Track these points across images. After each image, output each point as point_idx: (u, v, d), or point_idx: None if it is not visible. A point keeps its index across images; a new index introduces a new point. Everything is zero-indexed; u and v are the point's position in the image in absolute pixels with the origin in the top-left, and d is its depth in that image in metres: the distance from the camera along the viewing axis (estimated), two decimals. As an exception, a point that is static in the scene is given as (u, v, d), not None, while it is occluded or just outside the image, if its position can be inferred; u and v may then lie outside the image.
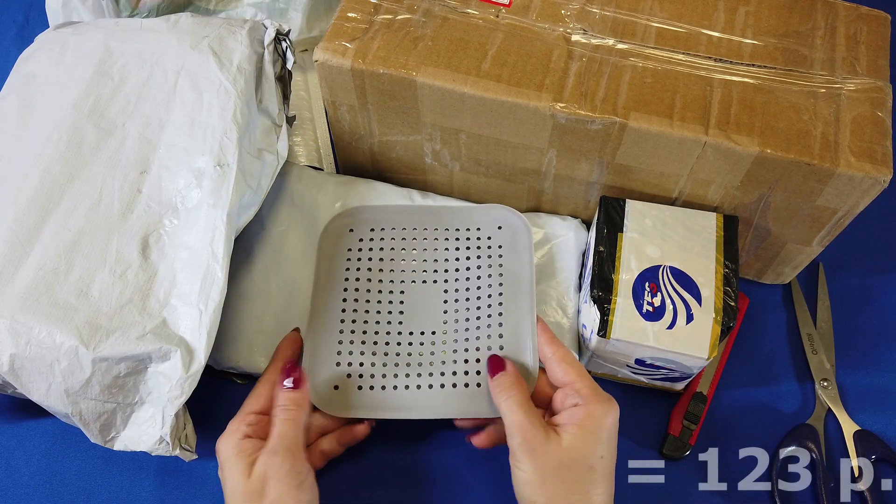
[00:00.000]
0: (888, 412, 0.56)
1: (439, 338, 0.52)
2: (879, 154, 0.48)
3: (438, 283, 0.54)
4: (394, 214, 0.56)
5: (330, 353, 0.51)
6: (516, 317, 0.51)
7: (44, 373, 0.44)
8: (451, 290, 0.54)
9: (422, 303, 0.54)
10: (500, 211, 0.56)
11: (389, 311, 0.53)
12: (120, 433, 0.46)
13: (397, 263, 0.55)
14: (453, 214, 0.56)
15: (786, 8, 0.54)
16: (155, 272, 0.46)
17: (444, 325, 0.52)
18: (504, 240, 0.55)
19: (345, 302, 0.53)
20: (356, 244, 0.55)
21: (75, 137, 0.50)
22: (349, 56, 0.51)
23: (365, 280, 0.54)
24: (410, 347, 0.52)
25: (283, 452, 0.43)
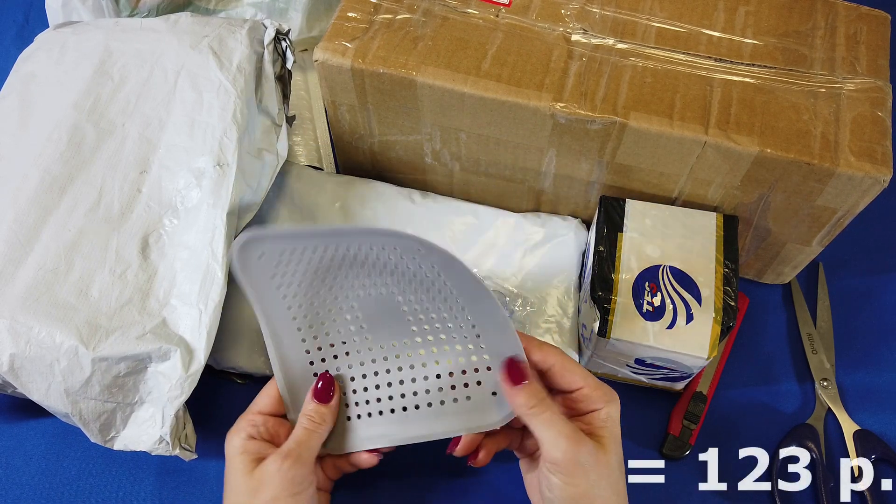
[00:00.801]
0: (888, 412, 0.56)
1: (412, 348, 0.46)
2: (879, 154, 0.48)
3: (389, 287, 0.45)
4: (297, 239, 0.44)
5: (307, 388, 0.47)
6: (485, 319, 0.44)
7: (44, 373, 0.44)
8: (404, 298, 0.45)
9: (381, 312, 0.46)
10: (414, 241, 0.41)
11: (352, 327, 0.46)
12: (120, 433, 0.46)
13: (332, 278, 0.45)
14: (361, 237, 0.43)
15: (786, 8, 0.54)
16: (155, 272, 0.46)
17: (413, 333, 0.46)
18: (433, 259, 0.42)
19: (300, 331, 0.46)
20: (275, 269, 0.44)
21: (75, 137, 0.50)
22: (349, 56, 0.51)
23: (308, 304, 0.46)
24: (386, 363, 0.47)
25: (293, 458, 0.42)
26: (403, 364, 0.46)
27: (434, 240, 0.41)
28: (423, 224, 0.59)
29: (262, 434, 0.44)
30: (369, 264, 0.44)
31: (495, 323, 0.44)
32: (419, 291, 0.45)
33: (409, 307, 0.46)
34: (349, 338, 0.47)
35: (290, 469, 0.42)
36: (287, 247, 0.43)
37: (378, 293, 0.46)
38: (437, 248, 0.41)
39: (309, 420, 0.44)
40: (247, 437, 0.44)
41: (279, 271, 0.44)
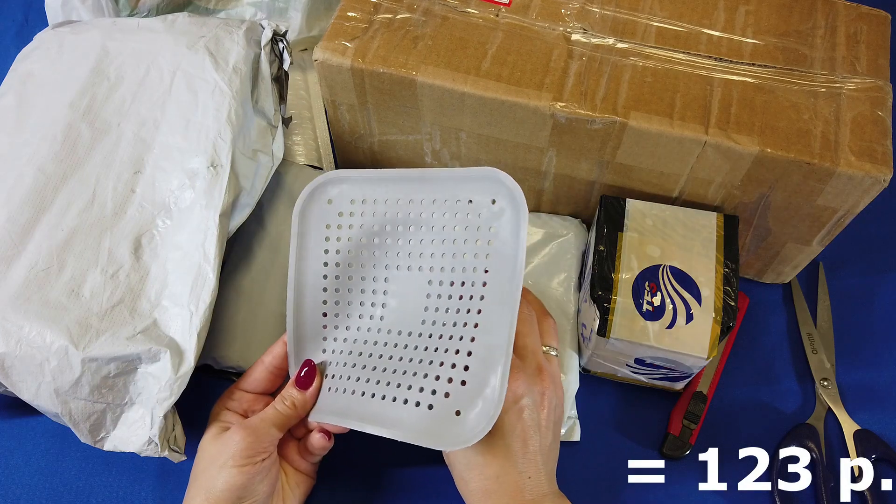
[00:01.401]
0: (888, 412, 0.56)
1: (413, 341, 0.46)
2: (879, 153, 0.48)
3: (423, 270, 0.47)
4: (376, 182, 0.47)
5: (314, 351, 0.49)
6: (491, 327, 0.42)
7: (34, 372, 0.44)
8: (434, 281, 0.46)
9: (405, 294, 0.47)
10: (495, 180, 0.43)
11: (373, 303, 0.48)
12: (110, 433, 0.46)
13: (381, 244, 0.48)
14: (444, 182, 0.46)
15: (786, 7, 0.54)
16: (147, 273, 0.46)
17: (420, 326, 0.46)
18: (496, 217, 0.44)
19: (325, 292, 0.49)
20: (335, 219, 0.48)
21: (70, 137, 0.50)
22: (349, 55, 0.51)
23: (345, 265, 0.48)
24: (385, 348, 0.46)
25: (249, 430, 0.44)
26: (395, 354, 0.46)
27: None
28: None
29: (237, 408, 0.48)
30: (423, 232, 0.46)
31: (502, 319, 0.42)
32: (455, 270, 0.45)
33: (434, 290, 0.46)
34: (366, 311, 0.49)
35: (243, 440, 0.44)
36: (364, 193, 0.47)
37: (415, 269, 0.47)
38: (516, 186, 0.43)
39: (281, 402, 0.47)
40: (224, 408, 0.47)
41: (338, 221, 0.48)
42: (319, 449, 0.48)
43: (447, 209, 0.45)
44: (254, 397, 0.49)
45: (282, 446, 0.47)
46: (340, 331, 0.49)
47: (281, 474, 0.47)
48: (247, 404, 0.48)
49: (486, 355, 0.42)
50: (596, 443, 0.55)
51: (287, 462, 0.48)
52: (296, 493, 0.48)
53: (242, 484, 0.43)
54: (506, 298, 0.42)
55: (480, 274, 0.44)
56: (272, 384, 0.49)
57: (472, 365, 0.42)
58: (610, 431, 0.55)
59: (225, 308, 0.54)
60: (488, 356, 0.42)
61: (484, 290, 0.44)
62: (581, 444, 0.54)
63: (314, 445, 0.48)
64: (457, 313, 0.45)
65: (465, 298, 0.45)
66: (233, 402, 0.48)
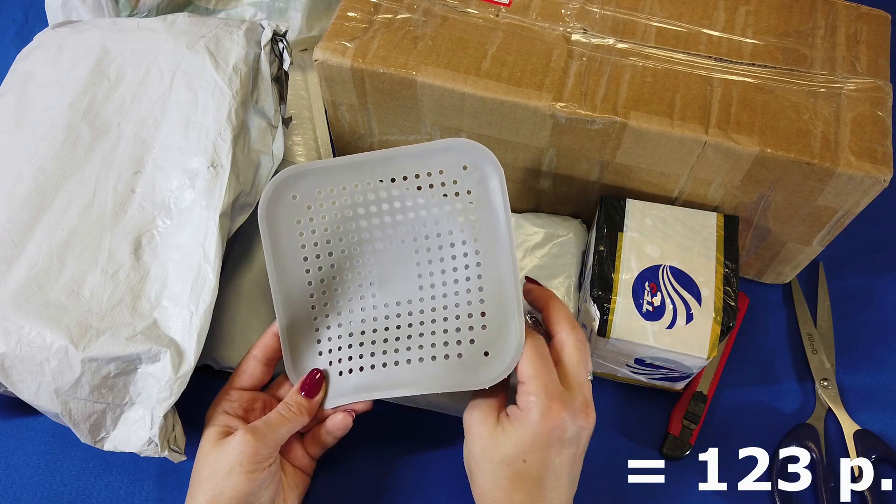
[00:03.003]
0: (888, 412, 0.56)
1: (416, 306, 0.47)
2: (880, 153, 0.48)
3: (406, 243, 0.48)
4: (339, 171, 0.47)
5: (309, 343, 0.49)
6: (496, 274, 0.46)
7: (34, 372, 0.44)
8: (421, 251, 0.48)
9: (393, 269, 0.48)
10: (463, 148, 0.45)
11: (360, 283, 0.49)
12: (110, 434, 0.46)
13: (357, 227, 0.48)
14: (409, 159, 0.46)
15: (786, 7, 0.54)
16: (147, 273, 0.46)
17: (419, 292, 0.48)
18: (472, 182, 0.46)
19: (310, 285, 0.48)
20: (304, 213, 0.48)
21: (70, 137, 0.50)
22: (349, 55, 0.51)
23: (325, 254, 0.48)
24: (387, 321, 0.48)
25: (256, 436, 0.44)
26: (402, 322, 0.48)
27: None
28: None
29: (235, 409, 0.47)
30: (399, 208, 0.47)
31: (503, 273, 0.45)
32: (441, 235, 0.47)
33: (423, 257, 0.48)
34: (355, 294, 0.49)
35: (249, 445, 0.43)
36: (328, 183, 0.47)
37: (398, 243, 0.48)
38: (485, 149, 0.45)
39: (287, 408, 0.46)
40: (222, 411, 0.47)
41: (308, 215, 0.48)
42: (341, 430, 0.48)
43: (420, 182, 0.47)
44: (250, 395, 0.48)
45: (283, 445, 0.47)
46: (332, 317, 0.49)
47: (281, 475, 0.47)
48: (245, 403, 0.48)
49: (497, 302, 0.45)
50: (596, 443, 0.54)
51: (288, 461, 0.48)
52: (295, 494, 0.48)
53: (250, 490, 0.43)
54: (502, 250, 0.45)
55: (469, 233, 0.47)
56: (266, 376, 0.49)
57: (489, 311, 0.46)
58: (610, 431, 0.55)
59: (225, 308, 0.54)
60: (500, 303, 0.45)
61: (476, 245, 0.46)
62: (581, 444, 0.54)
63: (335, 426, 0.47)
64: (454, 271, 0.47)
65: (459, 258, 0.47)
66: (230, 403, 0.47)
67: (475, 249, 0.47)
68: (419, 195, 0.47)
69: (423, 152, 0.46)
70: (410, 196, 0.47)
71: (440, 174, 0.46)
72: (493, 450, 0.42)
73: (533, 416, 0.41)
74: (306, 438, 0.49)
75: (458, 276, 0.47)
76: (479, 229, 0.46)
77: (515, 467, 0.41)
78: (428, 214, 0.47)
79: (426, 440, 0.55)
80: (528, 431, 0.41)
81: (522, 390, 0.42)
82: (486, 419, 0.43)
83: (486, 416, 0.43)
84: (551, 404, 0.41)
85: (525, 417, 0.41)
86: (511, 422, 0.42)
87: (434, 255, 0.48)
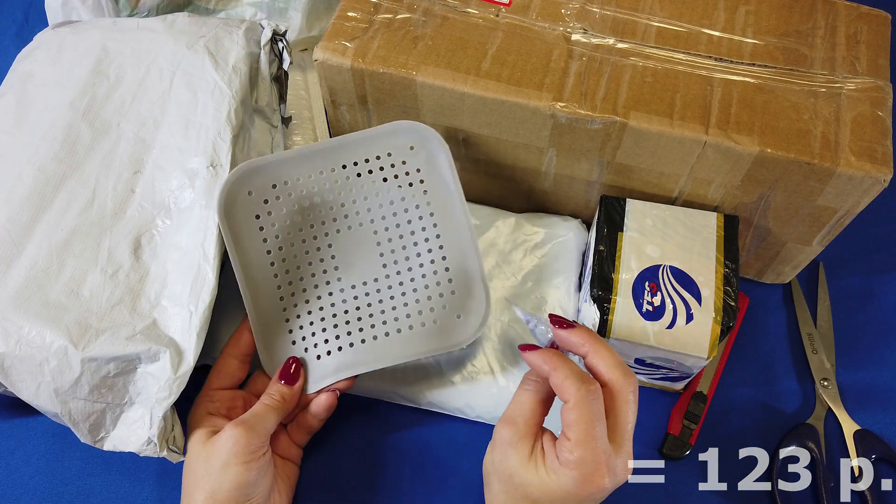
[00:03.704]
0: (888, 412, 0.56)
1: (382, 283, 0.51)
2: (880, 153, 0.48)
3: (364, 225, 0.51)
4: (290, 163, 0.49)
5: (281, 334, 0.50)
6: (456, 242, 0.50)
7: (33, 372, 0.44)
8: (380, 231, 0.51)
9: (354, 251, 0.51)
10: (407, 129, 0.49)
11: (324, 269, 0.51)
12: (109, 433, 0.46)
13: (315, 216, 0.50)
14: (357, 146, 0.50)
15: (786, 7, 0.54)
16: (146, 272, 0.46)
17: (383, 269, 0.51)
18: (420, 161, 0.50)
19: (276, 278, 0.50)
20: (262, 207, 0.49)
21: (70, 137, 0.50)
22: (349, 55, 0.51)
23: (288, 245, 0.50)
24: (357, 301, 0.50)
25: (246, 427, 0.44)
26: (372, 300, 0.51)
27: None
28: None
29: (218, 409, 0.47)
30: (354, 193, 0.50)
31: (462, 240, 0.51)
32: (397, 213, 0.51)
33: (382, 237, 0.51)
34: (321, 280, 0.51)
35: (241, 437, 0.44)
36: (282, 176, 0.49)
37: (356, 226, 0.51)
38: (428, 128, 0.49)
39: (271, 398, 0.47)
40: (205, 413, 0.47)
41: (265, 209, 0.49)
42: (325, 410, 0.49)
43: (370, 167, 0.50)
44: (231, 394, 0.49)
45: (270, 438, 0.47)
46: (301, 306, 0.50)
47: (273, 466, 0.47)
48: (227, 403, 0.48)
49: (461, 267, 0.51)
50: (596, 443, 0.55)
51: (276, 453, 0.49)
52: (287, 484, 0.49)
53: (249, 481, 0.43)
54: (458, 219, 0.51)
55: (424, 209, 0.51)
56: (243, 373, 0.50)
57: (454, 277, 0.50)
58: (610, 431, 0.55)
59: (225, 308, 0.54)
60: (463, 267, 0.51)
61: (434, 218, 0.51)
62: (581, 444, 0.54)
63: (321, 407, 0.48)
64: (415, 246, 0.51)
65: (418, 233, 0.51)
66: (212, 404, 0.48)
67: (433, 223, 0.51)
68: (371, 178, 0.50)
69: (370, 137, 0.50)
70: (363, 181, 0.50)
71: (388, 157, 0.50)
72: (521, 482, 0.40)
73: (573, 477, 0.38)
74: (291, 426, 0.50)
75: (420, 249, 0.51)
76: (433, 204, 0.51)
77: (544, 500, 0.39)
78: (382, 196, 0.50)
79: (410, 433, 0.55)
80: (563, 488, 0.39)
81: (568, 445, 0.39)
82: (521, 444, 0.40)
83: (521, 439, 0.40)
84: (597, 469, 0.38)
85: (564, 474, 0.38)
86: (548, 467, 0.39)
87: (393, 233, 0.51)
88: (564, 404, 0.40)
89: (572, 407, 0.39)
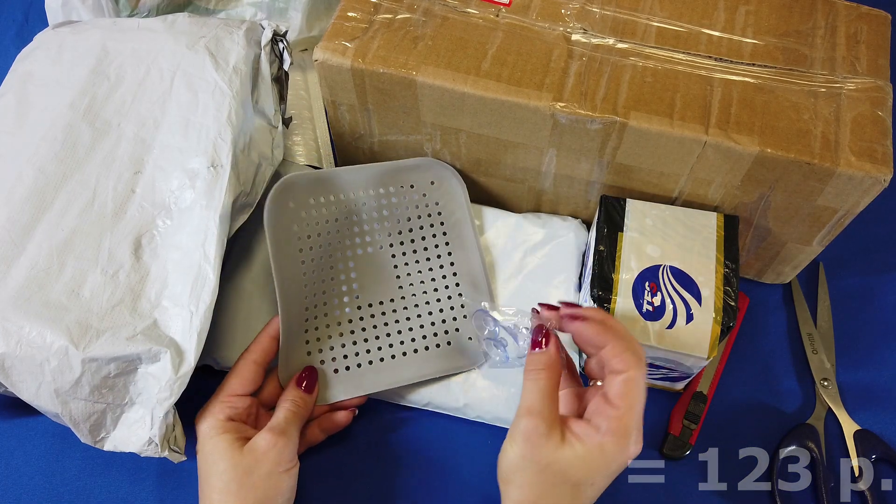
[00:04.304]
0: (888, 412, 0.56)
1: (398, 304, 0.54)
2: (880, 153, 0.48)
3: (384, 248, 0.55)
4: (332, 180, 0.54)
5: (300, 344, 0.51)
6: (468, 268, 0.55)
7: (34, 372, 0.44)
8: (398, 254, 0.55)
9: (372, 272, 0.54)
10: (429, 165, 0.56)
11: (344, 287, 0.53)
12: (110, 434, 0.46)
13: (342, 234, 0.54)
14: (387, 174, 0.55)
15: (786, 7, 0.54)
16: (147, 273, 0.46)
17: (399, 291, 0.54)
18: (440, 195, 0.56)
19: (305, 288, 0.52)
20: (300, 219, 0.52)
21: (70, 137, 0.50)
22: (349, 55, 0.51)
23: (317, 258, 0.52)
24: (373, 320, 0.53)
25: (286, 436, 0.45)
26: (389, 320, 0.53)
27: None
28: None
29: (240, 415, 0.47)
30: (378, 217, 0.54)
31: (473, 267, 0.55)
32: (415, 240, 0.55)
33: (400, 260, 0.55)
34: (341, 296, 0.53)
35: (283, 445, 0.45)
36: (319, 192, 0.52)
37: (376, 248, 0.54)
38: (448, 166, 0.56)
39: (294, 404, 0.48)
40: (226, 419, 0.46)
41: (303, 222, 0.52)
42: (336, 427, 0.51)
43: (396, 195, 0.55)
44: (249, 401, 0.48)
45: None
46: (321, 319, 0.52)
47: None
48: (246, 409, 0.48)
49: (472, 293, 0.55)
50: (596, 443, 0.55)
51: None
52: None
53: (292, 486, 0.45)
54: (471, 248, 0.55)
55: (440, 238, 0.56)
56: (261, 380, 0.50)
57: (466, 302, 0.54)
58: (610, 431, 0.55)
59: (225, 308, 0.54)
60: (475, 293, 0.55)
61: (448, 248, 0.55)
62: (581, 444, 0.54)
63: (338, 422, 0.50)
64: (430, 271, 0.55)
65: (434, 259, 0.55)
66: (234, 409, 0.47)
67: (447, 251, 0.55)
68: (395, 205, 0.55)
69: (398, 168, 0.55)
70: (388, 207, 0.55)
71: (412, 188, 0.55)
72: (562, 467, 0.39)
73: (616, 443, 0.39)
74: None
75: (435, 275, 0.55)
76: (449, 234, 0.56)
77: (581, 489, 0.40)
78: (403, 223, 0.55)
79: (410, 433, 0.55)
80: (606, 457, 0.39)
81: (614, 413, 0.40)
82: (551, 431, 0.40)
83: (549, 427, 0.40)
84: (637, 438, 0.40)
85: (608, 442, 0.39)
86: (587, 442, 0.40)
87: (410, 257, 0.55)
88: (614, 375, 0.41)
89: (626, 379, 0.40)
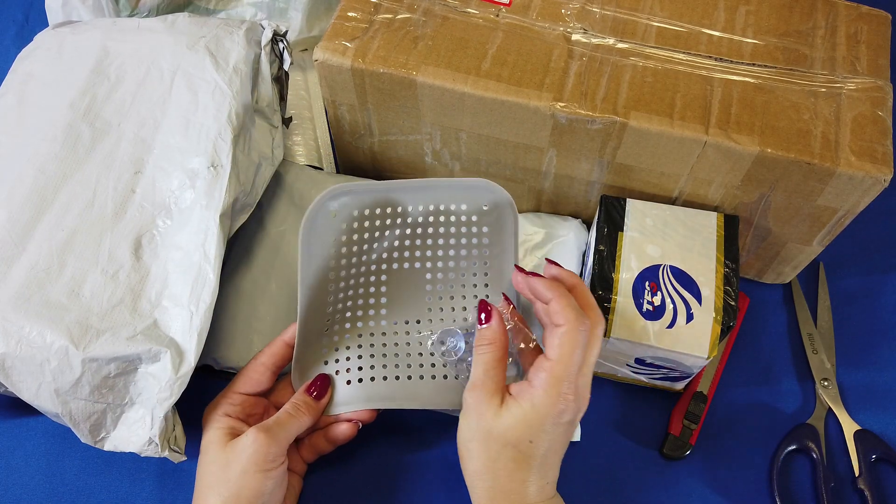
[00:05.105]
0: (888, 412, 0.56)
1: (424, 326, 0.51)
2: (880, 153, 0.48)
3: (421, 268, 0.51)
4: (377, 194, 0.50)
5: (317, 351, 0.50)
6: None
7: (34, 372, 0.44)
8: (433, 276, 0.51)
9: (404, 290, 0.51)
10: (485, 189, 0.50)
11: (372, 300, 0.51)
12: (110, 434, 0.46)
13: (380, 248, 0.51)
14: (439, 192, 0.50)
15: (786, 7, 0.54)
16: (147, 273, 0.46)
17: (427, 313, 0.51)
18: (489, 222, 0.50)
19: (329, 299, 0.50)
20: (340, 230, 0.50)
21: (70, 137, 0.50)
22: (349, 55, 0.51)
23: (348, 269, 0.50)
24: (396, 337, 0.51)
25: (269, 434, 0.44)
26: (412, 339, 0.51)
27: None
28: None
29: (237, 413, 0.47)
30: (420, 235, 0.51)
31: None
32: (454, 265, 0.51)
33: (433, 282, 0.51)
34: (367, 309, 0.51)
35: (264, 444, 0.43)
36: (366, 204, 0.49)
37: (412, 266, 0.51)
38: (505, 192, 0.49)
39: (295, 407, 0.47)
40: (223, 414, 0.46)
41: (342, 233, 0.50)
42: (343, 438, 0.49)
43: (443, 215, 0.50)
44: (254, 400, 0.48)
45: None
46: (341, 329, 0.50)
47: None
48: (248, 408, 0.48)
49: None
50: (596, 443, 0.55)
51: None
52: (292, 494, 0.48)
53: (266, 489, 0.43)
54: (509, 286, 0.50)
55: (480, 267, 0.51)
56: (271, 383, 0.49)
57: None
58: (610, 431, 0.55)
59: (225, 308, 0.54)
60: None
61: (486, 278, 0.51)
62: (581, 444, 0.54)
63: (339, 435, 0.48)
64: (463, 299, 0.51)
65: (469, 287, 0.51)
66: (232, 406, 0.47)
67: (484, 282, 0.51)
68: (440, 225, 0.50)
69: (452, 186, 0.50)
70: (433, 225, 0.50)
71: (463, 209, 0.50)
72: (500, 431, 0.42)
73: (546, 392, 0.41)
74: (303, 444, 0.50)
75: (467, 303, 0.51)
76: (490, 264, 0.51)
77: (521, 448, 0.41)
78: (445, 244, 0.51)
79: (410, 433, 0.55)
80: (537, 410, 0.41)
81: (546, 364, 0.42)
82: (491, 399, 0.43)
83: (490, 396, 0.43)
84: (567, 383, 0.41)
85: (537, 394, 0.41)
86: (521, 399, 0.42)
87: (444, 281, 0.51)
88: (554, 328, 0.42)
89: (564, 332, 0.42)
